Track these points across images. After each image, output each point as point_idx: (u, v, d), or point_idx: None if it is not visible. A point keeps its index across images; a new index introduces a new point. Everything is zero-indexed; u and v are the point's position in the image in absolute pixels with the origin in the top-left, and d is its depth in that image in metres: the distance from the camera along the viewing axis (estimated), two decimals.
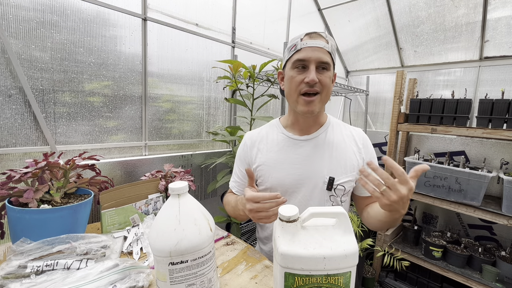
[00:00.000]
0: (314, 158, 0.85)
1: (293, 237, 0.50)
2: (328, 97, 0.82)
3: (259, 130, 0.97)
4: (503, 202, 1.55)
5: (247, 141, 0.95)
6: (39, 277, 0.61)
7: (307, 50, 0.77)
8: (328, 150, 0.85)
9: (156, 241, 0.53)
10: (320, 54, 0.76)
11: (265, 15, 2.04)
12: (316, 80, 0.76)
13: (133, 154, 1.41)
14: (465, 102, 1.71)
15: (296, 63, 0.79)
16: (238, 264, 0.79)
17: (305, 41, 0.77)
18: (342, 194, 0.85)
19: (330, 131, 0.89)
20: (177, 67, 1.54)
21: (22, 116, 1.06)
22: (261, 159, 0.89)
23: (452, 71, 2.23)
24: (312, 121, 0.88)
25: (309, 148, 0.86)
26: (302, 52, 0.77)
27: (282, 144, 0.89)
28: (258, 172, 0.90)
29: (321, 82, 0.77)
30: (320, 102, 0.81)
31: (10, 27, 1.00)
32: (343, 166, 0.84)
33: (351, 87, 2.32)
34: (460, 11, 1.96)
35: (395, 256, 1.90)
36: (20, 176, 0.75)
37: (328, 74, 0.79)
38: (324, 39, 0.79)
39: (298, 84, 0.79)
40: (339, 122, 0.94)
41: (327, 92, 0.80)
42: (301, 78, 0.78)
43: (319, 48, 0.76)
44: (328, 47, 0.78)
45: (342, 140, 0.88)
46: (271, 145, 0.90)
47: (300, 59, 0.77)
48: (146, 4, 1.36)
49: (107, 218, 0.92)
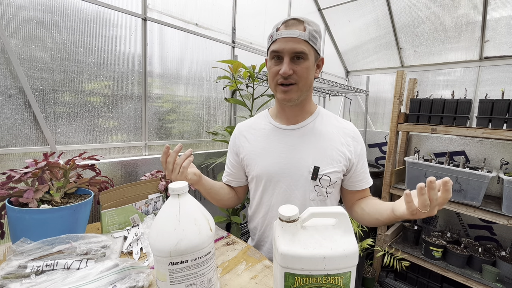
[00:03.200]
0: (300, 147, 0.85)
1: (293, 237, 0.50)
2: (307, 85, 0.81)
3: (248, 121, 0.99)
4: (503, 202, 1.55)
5: (236, 131, 0.98)
6: (39, 277, 0.61)
7: (281, 41, 0.76)
8: (315, 140, 0.85)
9: (156, 241, 0.53)
10: (294, 44, 0.74)
11: (265, 15, 2.04)
12: (289, 72, 0.75)
13: (133, 154, 1.41)
14: (465, 102, 1.71)
15: (272, 54, 0.79)
16: (238, 264, 0.79)
17: (280, 31, 0.76)
18: (328, 185, 0.84)
19: (319, 121, 0.88)
20: (177, 67, 1.54)
21: (22, 116, 1.06)
22: (248, 148, 0.91)
23: (452, 71, 2.23)
24: (299, 110, 0.87)
25: (295, 137, 0.86)
26: (277, 43, 0.77)
27: (269, 133, 0.90)
28: (246, 161, 0.92)
29: (296, 73, 0.77)
30: (298, 91, 0.80)
31: (10, 27, 1.00)
32: (329, 156, 0.83)
33: (351, 87, 2.32)
34: (460, 11, 1.96)
35: (395, 256, 1.90)
36: (20, 176, 0.75)
37: (305, 64, 0.77)
38: (302, 25, 0.76)
39: (274, 75, 0.80)
40: (330, 114, 0.93)
41: (305, 81, 0.79)
42: (277, 69, 0.78)
43: (293, 39, 0.74)
44: (305, 35, 0.75)
45: (331, 131, 0.87)
46: (258, 134, 0.91)
47: (274, 50, 0.77)
48: (146, 4, 1.36)
49: (107, 218, 0.92)
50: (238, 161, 0.96)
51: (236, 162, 0.96)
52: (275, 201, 0.88)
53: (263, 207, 0.91)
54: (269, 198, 0.89)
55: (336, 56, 2.86)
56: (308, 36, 0.75)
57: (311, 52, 0.78)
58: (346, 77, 3.00)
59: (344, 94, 2.68)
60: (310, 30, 0.76)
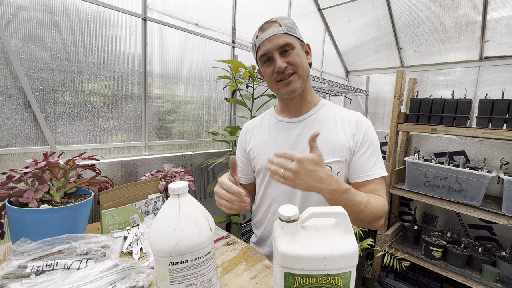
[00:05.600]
0: (302, 139, 0.86)
1: (293, 237, 0.50)
2: (305, 71, 0.83)
3: (255, 118, 1.04)
4: (503, 202, 1.55)
5: (244, 129, 1.03)
6: (39, 277, 0.61)
7: (265, 43, 0.80)
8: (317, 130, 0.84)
9: (156, 241, 0.53)
10: (277, 40, 0.78)
11: (265, 15, 2.04)
12: (283, 66, 0.78)
13: (133, 154, 1.41)
14: (465, 102, 1.71)
15: (262, 59, 0.83)
16: (238, 264, 0.79)
17: (259, 37, 0.81)
18: None
19: (323, 112, 0.89)
20: (177, 67, 1.54)
21: (22, 116, 1.06)
22: (253, 142, 0.95)
23: (452, 71, 2.23)
24: (300, 100, 0.88)
25: (299, 129, 0.88)
26: (262, 48, 0.81)
27: (273, 128, 0.93)
28: (251, 154, 0.96)
29: (291, 63, 0.79)
30: (300, 78, 0.82)
31: (10, 27, 1.00)
32: (331, 146, 0.83)
33: (351, 87, 2.32)
34: (460, 11, 1.96)
35: (395, 256, 1.90)
36: (20, 176, 0.75)
37: (295, 52, 0.80)
38: (277, 23, 0.80)
39: (271, 75, 0.83)
40: (335, 106, 0.92)
41: (301, 67, 0.81)
42: (272, 69, 0.81)
43: (273, 36, 0.79)
44: (282, 29, 0.79)
45: (334, 121, 0.86)
46: (263, 129, 0.96)
47: (263, 54, 0.81)
48: (146, 4, 1.36)
49: (107, 218, 0.92)
50: (246, 156, 0.99)
51: (244, 157, 1.00)
52: (278, 193, 0.89)
53: (267, 199, 0.93)
54: (272, 190, 0.91)
55: (336, 56, 2.86)
56: (285, 29, 0.79)
57: (295, 40, 0.81)
58: (346, 77, 3.00)
59: (344, 94, 2.69)
60: (285, 23, 0.80)
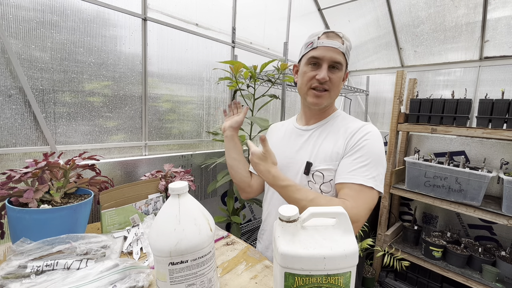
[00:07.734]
0: (306, 145, 0.90)
1: (293, 237, 0.50)
2: (337, 94, 0.87)
3: (281, 121, 1.11)
4: (503, 202, 1.55)
5: (269, 129, 1.12)
6: (39, 277, 0.61)
7: (322, 49, 0.81)
8: (318, 139, 0.88)
9: (156, 241, 0.53)
10: (334, 54, 0.80)
11: (265, 15, 2.04)
12: (327, 78, 0.81)
13: (133, 154, 1.41)
14: (465, 102, 1.71)
15: (310, 60, 0.84)
16: (238, 264, 0.79)
17: (321, 40, 0.82)
18: (322, 182, 0.83)
19: (331, 122, 0.91)
20: (177, 67, 1.54)
21: (22, 116, 1.06)
22: (271, 142, 0.99)
23: (452, 71, 2.23)
24: (318, 112, 0.92)
25: (306, 136, 0.92)
26: (318, 51, 0.82)
27: (288, 133, 0.98)
28: None
29: (331, 81, 0.82)
30: (329, 98, 0.86)
31: (10, 27, 1.00)
32: (329, 154, 0.83)
33: (351, 87, 2.32)
34: (460, 11, 1.96)
35: (395, 256, 1.90)
36: (20, 176, 0.75)
37: (339, 74, 0.83)
38: (341, 39, 0.82)
39: (309, 79, 0.84)
40: (349, 118, 0.92)
41: (336, 90, 0.85)
42: (313, 74, 0.83)
43: (333, 49, 0.80)
44: (343, 48, 0.81)
45: (337, 130, 0.87)
46: (281, 133, 1.01)
47: (315, 56, 0.82)
48: (146, 4, 1.36)
49: (107, 218, 0.92)
50: None
51: None
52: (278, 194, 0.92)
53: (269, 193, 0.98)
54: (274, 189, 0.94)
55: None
56: (345, 49, 0.82)
57: (344, 64, 0.84)
58: None
59: (344, 94, 2.69)
60: (347, 44, 0.83)
